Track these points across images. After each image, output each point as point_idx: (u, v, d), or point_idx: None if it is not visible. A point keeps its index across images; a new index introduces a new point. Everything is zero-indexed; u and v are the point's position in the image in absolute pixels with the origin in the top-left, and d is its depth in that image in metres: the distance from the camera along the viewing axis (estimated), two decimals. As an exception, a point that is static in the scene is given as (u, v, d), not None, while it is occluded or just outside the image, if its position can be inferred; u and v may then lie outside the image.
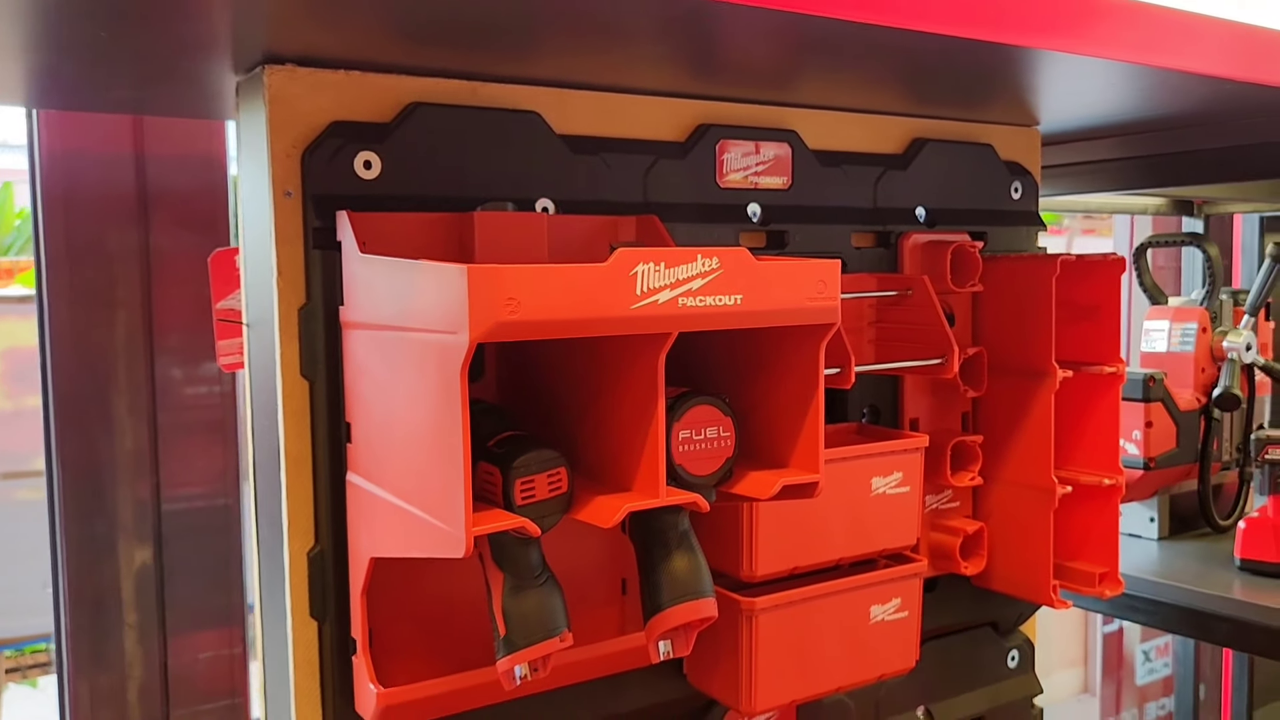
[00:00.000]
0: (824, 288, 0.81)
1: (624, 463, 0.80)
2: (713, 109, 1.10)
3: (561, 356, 0.87)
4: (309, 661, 0.92)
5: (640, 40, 0.88)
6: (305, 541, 0.91)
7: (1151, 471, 1.61)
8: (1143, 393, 1.60)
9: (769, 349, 0.87)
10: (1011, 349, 1.22)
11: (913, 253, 1.22)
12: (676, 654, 0.87)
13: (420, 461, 0.76)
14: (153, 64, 0.92)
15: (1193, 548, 1.68)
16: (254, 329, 0.96)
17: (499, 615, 0.80)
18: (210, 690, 1.50)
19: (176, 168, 1.43)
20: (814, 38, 0.89)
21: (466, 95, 0.97)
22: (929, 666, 1.29)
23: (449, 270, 0.68)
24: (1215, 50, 1.05)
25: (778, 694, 1.02)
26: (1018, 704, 1.38)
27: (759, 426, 0.89)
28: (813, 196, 1.16)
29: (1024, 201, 1.35)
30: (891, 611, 1.09)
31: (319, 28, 0.81)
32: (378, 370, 0.83)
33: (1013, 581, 1.26)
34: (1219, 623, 1.44)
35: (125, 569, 1.43)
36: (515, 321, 0.68)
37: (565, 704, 1.02)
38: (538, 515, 0.77)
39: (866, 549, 1.08)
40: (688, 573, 0.85)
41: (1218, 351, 1.70)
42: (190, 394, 1.48)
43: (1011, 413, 1.23)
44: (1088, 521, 1.26)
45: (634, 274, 0.72)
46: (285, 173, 0.89)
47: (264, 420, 0.94)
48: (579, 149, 1.01)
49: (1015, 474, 1.24)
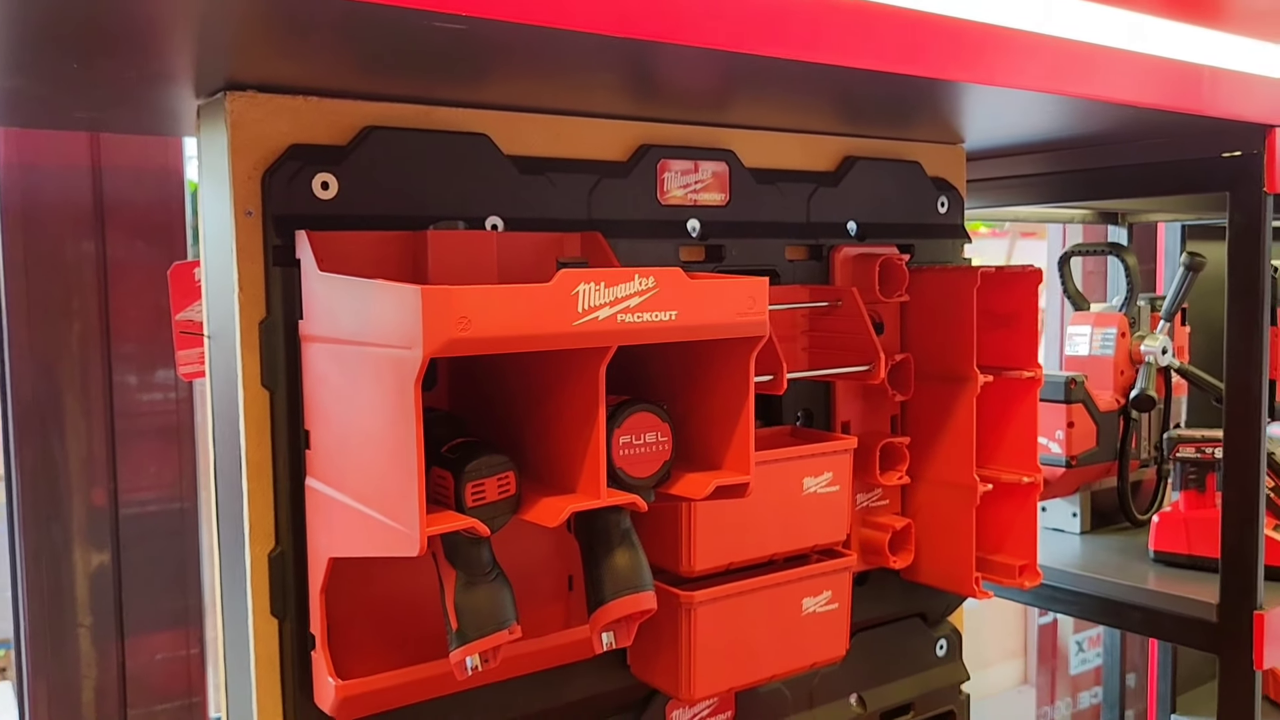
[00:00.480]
0: (753, 303, 0.88)
1: (568, 466, 0.86)
2: (653, 130, 1.16)
3: (510, 368, 0.93)
4: (269, 657, 0.97)
5: (583, 70, 0.94)
6: (266, 544, 0.96)
7: (1073, 469, 1.70)
8: (1064, 394, 1.69)
9: (704, 360, 0.94)
10: (936, 355, 1.30)
11: (843, 265, 1.29)
12: (619, 645, 0.93)
13: (377, 466, 0.81)
14: (118, 89, 0.96)
15: (1112, 541, 1.77)
16: (216, 340, 1.00)
17: (451, 610, 0.85)
18: (167, 690, 1.54)
19: (133, 181, 1.46)
20: (749, 70, 0.95)
21: (419, 119, 1.02)
22: (861, 656, 1.36)
23: (405, 290, 0.74)
24: (1117, 79, 1.14)
25: (716, 682, 1.09)
26: (946, 690, 1.46)
27: (695, 432, 0.95)
28: (749, 212, 1.23)
29: (950, 215, 1.42)
30: (823, 604, 1.16)
31: (279, 57, 0.86)
32: (336, 381, 0.88)
33: (938, 574, 1.34)
34: (1133, 611, 1.53)
35: (83, 572, 1.46)
36: (466, 338, 0.74)
37: (515, 695, 1.08)
38: (488, 516, 0.83)
39: (799, 545, 1.15)
40: (629, 568, 0.91)
41: (1135, 355, 1.80)
42: (146, 401, 1.51)
43: (937, 416, 1.31)
44: (1008, 517, 1.34)
45: (576, 293, 0.78)
46: (246, 193, 0.93)
47: (225, 428, 0.99)
48: (526, 169, 1.07)
49: (940, 473, 1.32)
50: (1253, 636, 1.36)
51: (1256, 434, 1.34)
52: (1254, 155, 1.33)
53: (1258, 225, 1.33)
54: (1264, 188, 1.32)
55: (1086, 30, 1.10)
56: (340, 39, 0.81)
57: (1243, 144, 1.34)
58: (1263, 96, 1.30)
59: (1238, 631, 1.38)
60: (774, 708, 1.29)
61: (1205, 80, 1.23)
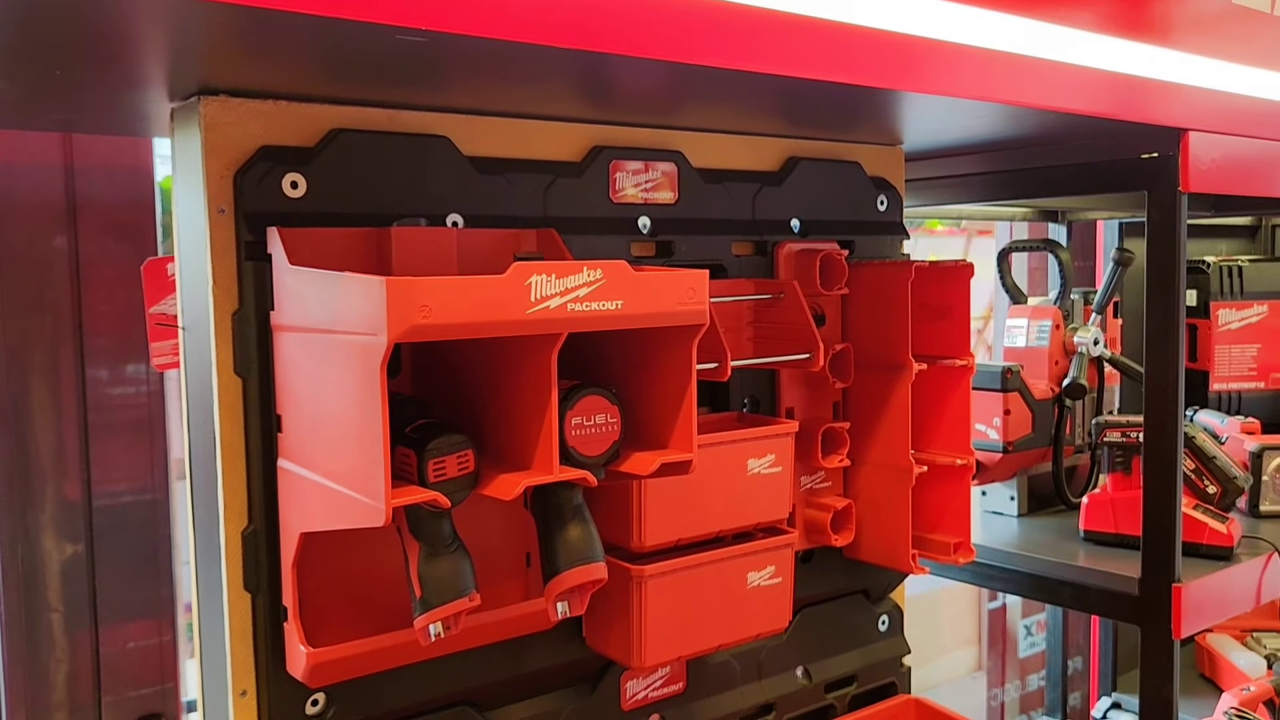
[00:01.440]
0: (693, 294, 0.95)
1: (523, 446, 0.93)
2: (606, 132, 1.23)
3: (469, 355, 0.99)
4: (243, 630, 1.03)
5: (538, 78, 1.01)
6: (240, 522, 1.02)
7: (1010, 454, 1.79)
8: (1001, 383, 1.78)
9: (650, 347, 1.01)
10: (875, 345, 1.38)
11: (787, 260, 1.37)
12: (573, 613, 1.00)
13: (345, 446, 0.88)
14: (95, 94, 1.01)
15: (1048, 523, 1.86)
16: (190, 332, 1.06)
17: (415, 579, 0.92)
18: (141, 677, 1.58)
19: (105, 180, 1.51)
20: (695, 79, 1.02)
21: (384, 122, 1.08)
22: (806, 630, 1.44)
23: (370, 281, 0.80)
24: (1043, 86, 1.22)
25: (665, 651, 1.16)
26: (888, 663, 1.54)
27: (642, 414, 1.02)
28: (697, 210, 1.30)
29: (889, 213, 1.50)
30: (767, 578, 1.23)
31: (250, 65, 0.92)
32: (306, 367, 0.94)
33: (878, 552, 1.42)
34: (1064, 587, 1.62)
35: (56, 561, 1.50)
36: (427, 325, 0.80)
37: (478, 664, 1.14)
38: (449, 491, 0.89)
39: (744, 522, 1.23)
40: (581, 541, 0.98)
41: (1069, 346, 1.89)
42: (118, 395, 1.55)
43: (876, 402, 1.39)
44: (944, 498, 1.42)
45: (529, 284, 0.85)
46: (219, 192, 0.99)
47: (199, 414, 1.05)
48: (485, 169, 1.13)
49: (879, 456, 1.40)
50: (1171, 608, 1.46)
51: (1174, 418, 1.43)
52: (1170, 157, 1.42)
53: (1173, 221, 1.42)
54: (1179, 187, 1.41)
55: (1014, 41, 1.17)
56: (309, 49, 0.87)
57: (1160, 146, 1.43)
58: (1177, 102, 1.39)
59: (1157, 603, 1.47)
60: (723, 680, 1.36)
61: (1125, 88, 1.32)
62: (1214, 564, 1.58)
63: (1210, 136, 1.44)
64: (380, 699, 1.08)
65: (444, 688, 1.13)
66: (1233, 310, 2.18)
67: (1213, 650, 2.30)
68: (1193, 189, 1.42)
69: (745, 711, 1.38)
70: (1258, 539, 1.70)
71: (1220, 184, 1.47)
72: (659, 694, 1.30)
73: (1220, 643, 2.31)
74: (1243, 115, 1.50)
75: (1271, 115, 1.55)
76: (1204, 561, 1.58)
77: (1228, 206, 2.14)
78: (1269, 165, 1.59)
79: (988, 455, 1.78)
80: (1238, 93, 1.48)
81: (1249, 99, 1.50)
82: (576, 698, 1.24)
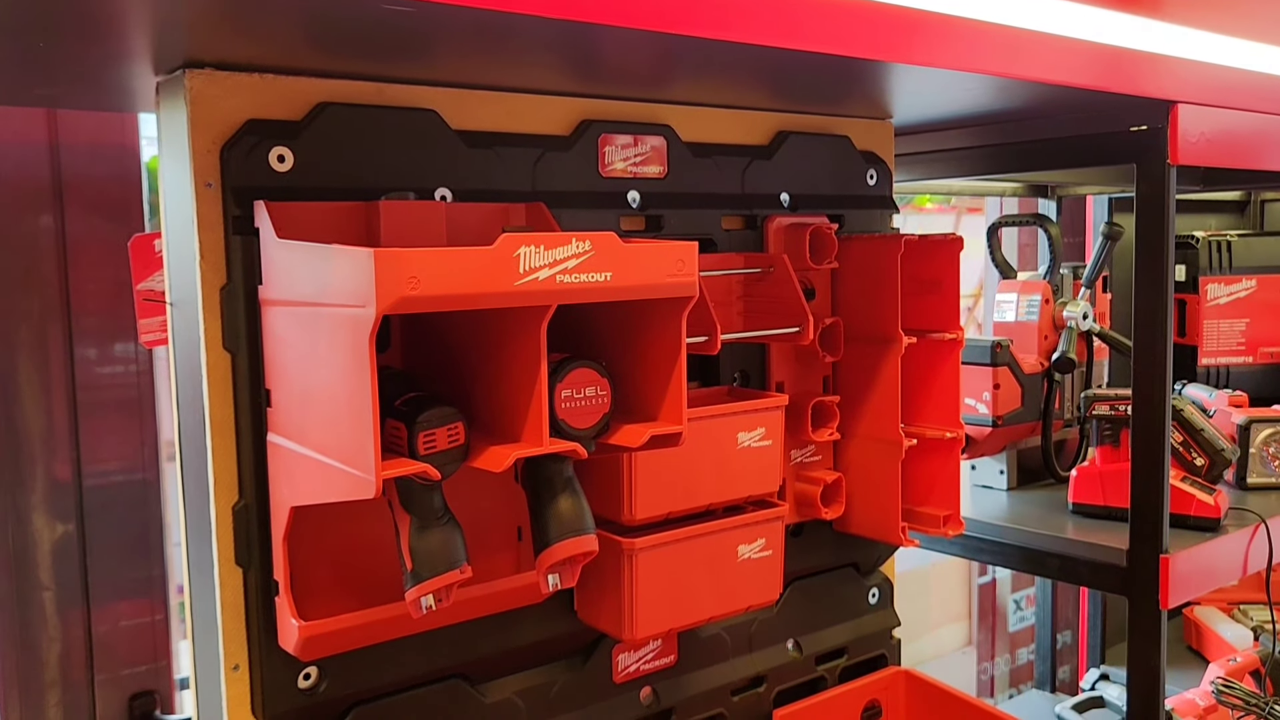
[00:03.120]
0: (682, 266, 0.95)
1: (513, 418, 0.93)
2: (595, 106, 1.23)
3: (459, 328, 0.99)
4: (235, 604, 1.03)
5: (527, 50, 1.00)
6: (230, 497, 1.02)
7: (999, 429, 1.80)
8: (990, 358, 1.79)
9: (639, 320, 1.01)
10: (864, 319, 1.38)
11: (776, 234, 1.37)
12: (564, 585, 1.00)
13: (335, 418, 0.87)
14: (80, 68, 1.00)
15: (1037, 496, 1.87)
16: (178, 308, 1.06)
17: (406, 552, 0.92)
18: (133, 655, 1.58)
19: (91, 156, 1.50)
20: (684, 50, 1.02)
21: (372, 95, 1.08)
22: (797, 603, 1.45)
23: (359, 253, 0.80)
24: (1034, 58, 1.22)
25: (656, 624, 1.16)
26: (878, 635, 1.55)
27: (632, 387, 1.02)
28: (687, 184, 1.30)
29: (879, 187, 1.50)
30: (757, 550, 1.24)
31: (236, 37, 0.91)
32: (295, 341, 0.94)
33: (868, 525, 1.42)
34: (1052, 559, 1.63)
35: (47, 540, 1.50)
36: (416, 296, 0.80)
37: (469, 637, 1.15)
38: (439, 463, 0.89)
39: (734, 495, 1.23)
40: (572, 513, 0.98)
41: (1058, 320, 1.90)
42: (107, 374, 1.55)
43: (865, 375, 1.39)
44: (933, 471, 1.42)
45: (517, 255, 0.85)
46: (205, 166, 0.99)
47: (189, 390, 1.04)
48: (473, 143, 1.13)
49: (869, 429, 1.40)
50: (1158, 579, 1.47)
51: (1162, 391, 1.44)
52: (1159, 129, 1.42)
53: (1162, 194, 1.42)
54: (1167, 159, 1.41)
55: (1005, 13, 1.17)
56: (295, 20, 0.86)
57: (1149, 119, 1.43)
58: (1167, 74, 1.39)
59: (1145, 574, 1.48)
60: (714, 652, 1.37)
61: (1114, 60, 1.32)
62: (1201, 535, 1.59)
63: (1200, 109, 1.44)
64: (373, 672, 1.09)
65: (436, 661, 1.13)
66: (1221, 285, 2.19)
67: (1200, 622, 2.32)
68: (1182, 161, 1.42)
69: (736, 684, 1.39)
70: (1245, 510, 1.71)
71: (1209, 157, 1.48)
72: (650, 666, 1.31)
73: (1207, 615, 2.33)
74: (1232, 88, 1.50)
75: (1261, 88, 1.55)
76: (1191, 533, 1.59)
77: (1217, 180, 2.15)
78: (1259, 138, 1.59)
79: (977, 429, 1.79)
80: (1227, 65, 1.47)
81: (1239, 71, 1.50)
82: (568, 670, 1.24)
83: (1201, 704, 1.86)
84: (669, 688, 1.33)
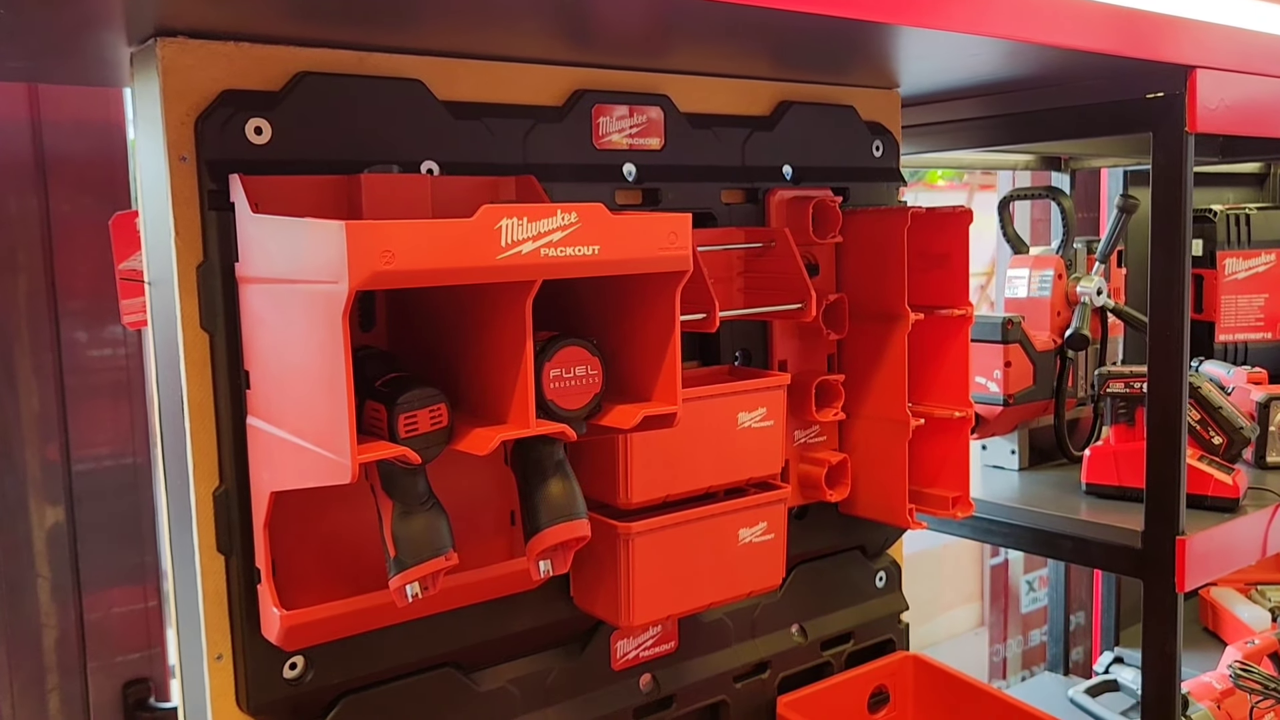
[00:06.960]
0: (675, 238, 0.90)
1: (499, 399, 0.89)
2: (588, 75, 1.18)
3: (443, 306, 0.95)
4: (217, 593, 1.00)
5: (515, 14, 0.96)
6: (210, 482, 0.98)
7: (1011, 408, 1.75)
8: (1001, 335, 1.74)
9: (631, 295, 0.97)
10: (870, 295, 1.34)
11: (778, 208, 1.32)
12: (556, 572, 0.96)
13: (311, 400, 0.84)
14: (49, 37, 0.97)
15: (1049, 476, 1.83)
16: (155, 287, 1.02)
17: (389, 539, 0.88)
18: (127, 642, 1.56)
19: (74, 134, 1.46)
20: (680, 13, 0.97)
21: (353, 65, 1.03)
22: (802, 588, 1.41)
23: (330, 226, 0.76)
24: (1045, 21, 1.17)
25: (654, 610, 1.13)
26: (885, 620, 1.52)
27: (625, 366, 0.98)
28: (685, 156, 1.25)
29: (885, 159, 1.46)
30: (759, 534, 1.20)
31: (209, 2, 0.87)
32: (272, 320, 0.90)
33: (874, 507, 1.38)
34: (1065, 540, 1.58)
35: (39, 526, 1.48)
36: (391, 271, 0.76)
37: (461, 625, 1.11)
38: (421, 446, 0.86)
39: (734, 478, 1.19)
40: (563, 497, 0.94)
41: (1071, 296, 1.85)
42: (96, 357, 1.52)
43: (871, 353, 1.35)
44: (942, 451, 1.38)
45: (499, 227, 0.81)
46: (180, 139, 0.95)
47: (167, 372, 1.01)
48: (461, 114, 1.08)
49: (875, 409, 1.36)
50: (1174, 561, 1.42)
51: (1178, 367, 1.39)
52: (1176, 96, 1.37)
53: (1179, 164, 1.37)
54: (1185, 127, 1.36)
55: (1013, -27, 1.12)
56: (266, -18, 0.82)
57: (1166, 85, 1.38)
58: (1184, 38, 1.33)
59: (1161, 556, 1.44)
60: (717, 638, 1.33)
61: (1130, 23, 1.26)
62: (1219, 516, 1.54)
63: (1219, 74, 1.38)
64: (361, 661, 1.05)
65: (427, 649, 1.10)
66: (1240, 260, 2.13)
67: (1216, 604, 2.28)
68: (1200, 130, 1.36)
69: (739, 670, 1.35)
70: (1264, 490, 1.66)
71: (1229, 125, 1.42)
72: (650, 653, 1.27)
73: (1224, 596, 2.28)
74: (1253, 52, 1.44)
75: (1282, 52, 1.49)
76: (1209, 514, 1.54)
77: (1236, 151, 2.08)
78: None
79: (988, 408, 1.74)
80: (1248, 28, 1.42)
81: (1260, 34, 1.44)
82: (565, 658, 1.21)
83: (1219, 687, 1.82)
84: (669, 675, 1.29)
